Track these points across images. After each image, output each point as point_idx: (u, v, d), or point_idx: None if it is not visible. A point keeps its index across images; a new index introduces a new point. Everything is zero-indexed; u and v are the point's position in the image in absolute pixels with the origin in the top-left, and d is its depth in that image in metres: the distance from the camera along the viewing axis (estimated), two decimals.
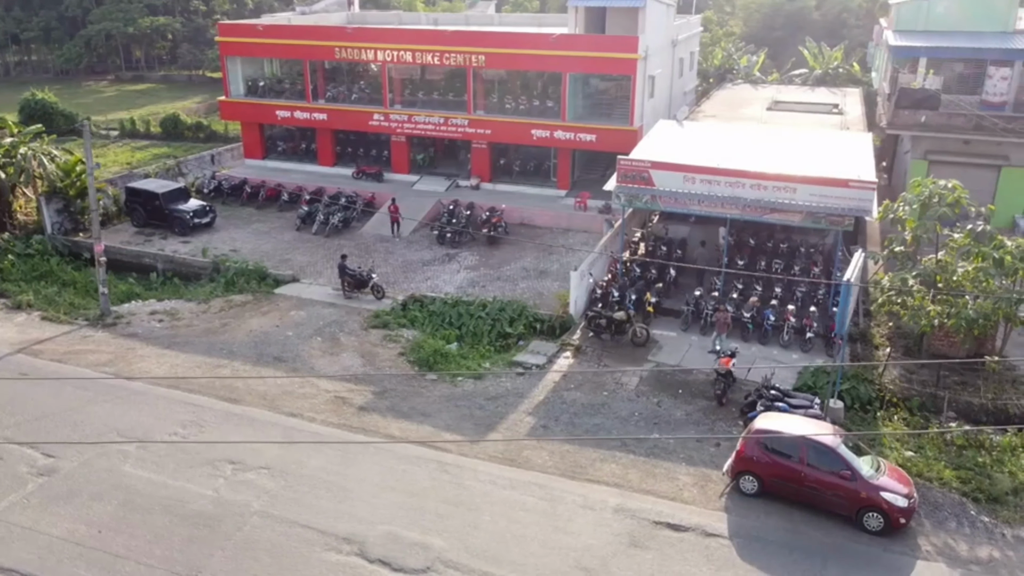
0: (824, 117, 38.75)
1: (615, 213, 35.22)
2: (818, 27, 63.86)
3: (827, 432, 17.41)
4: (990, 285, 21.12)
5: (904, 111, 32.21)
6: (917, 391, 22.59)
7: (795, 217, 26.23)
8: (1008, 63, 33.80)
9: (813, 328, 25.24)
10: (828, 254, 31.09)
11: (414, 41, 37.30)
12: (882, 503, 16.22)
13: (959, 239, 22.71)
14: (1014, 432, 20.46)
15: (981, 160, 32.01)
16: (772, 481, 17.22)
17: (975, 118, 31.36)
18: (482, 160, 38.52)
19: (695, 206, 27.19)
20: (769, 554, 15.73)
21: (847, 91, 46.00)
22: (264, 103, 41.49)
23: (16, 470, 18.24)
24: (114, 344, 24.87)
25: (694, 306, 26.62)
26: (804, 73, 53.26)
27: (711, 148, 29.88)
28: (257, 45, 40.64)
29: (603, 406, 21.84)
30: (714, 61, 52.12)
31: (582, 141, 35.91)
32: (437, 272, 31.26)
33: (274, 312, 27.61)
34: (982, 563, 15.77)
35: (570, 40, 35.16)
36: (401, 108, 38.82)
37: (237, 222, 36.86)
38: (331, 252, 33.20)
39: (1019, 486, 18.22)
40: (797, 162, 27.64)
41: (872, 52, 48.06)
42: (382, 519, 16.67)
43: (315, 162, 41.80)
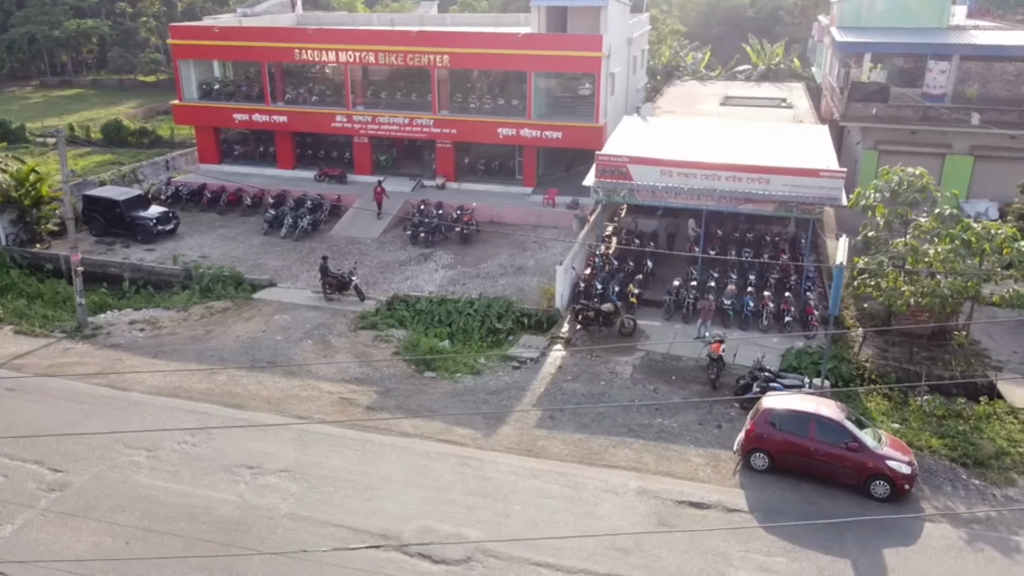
0: (776, 111, 40.32)
1: (583, 208, 36.10)
2: (753, 24, 66.06)
3: (832, 408, 18.41)
4: (959, 266, 22.54)
5: (856, 104, 33.83)
6: (893, 367, 23.96)
7: (768, 207, 27.37)
8: (946, 57, 35.85)
9: (791, 312, 26.41)
10: (792, 242, 32.53)
11: (377, 42, 37.25)
12: (888, 471, 17.27)
13: (926, 223, 24.16)
14: (986, 401, 21.92)
15: (927, 149, 33.84)
16: (783, 457, 18.09)
17: (922, 109, 33.20)
18: (447, 160, 38.74)
19: (672, 199, 28.07)
20: (789, 527, 16.56)
21: (791, 86, 47.91)
22: (220, 106, 40.76)
23: (25, 487, 17.74)
24: (99, 355, 24.25)
25: (675, 296, 27.51)
26: (748, 69, 55.16)
27: (679, 142, 30.87)
28: (212, 47, 39.91)
29: (603, 395, 22.47)
30: (661, 59, 53.50)
31: (548, 138, 36.50)
32: (415, 272, 31.39)
33: (258, 317, 27.33)
34: (981, 522, 16.97)
35: (535, 39, 35.71)
36: (364, 109, 38.70)
37: (201, 228, 36.17)
38: (304, 255, 33.00)
39: (1000, 450, 19.56)
40: (765, 154, 28.76)
41: (813, 48, 50.19)
42: (414, 514, 16.88)
43: (274, 165, 41.29)
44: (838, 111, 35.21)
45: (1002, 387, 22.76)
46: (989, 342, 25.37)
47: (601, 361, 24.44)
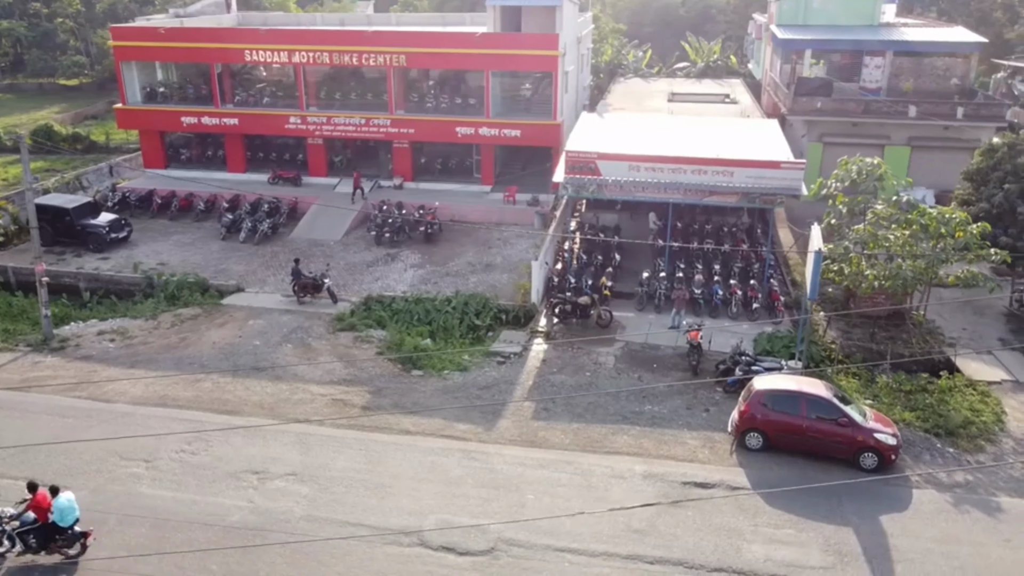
0: (722, 107, 41.69)
1: (544, 205, 36.70)
2: (684, 22, 67.86)
3: (820, 387, 19.41)
4: (917, 249, 23.95)
5: (802, 98, 35.38)
6: (858, 347, 25.28)
7: (732, 198, 28.44)
8: (881, 53, 37.83)
9: (758, 299, 27.52)
10: (748, 232, 33.84)
11: (332, 42, 36.95)
12: (876, 444, 18.35)
13: (882, 210, 25.57)
14: (946, 376, 23.38)
15: (868, 141, 35.67)
16: (777, 435, 18.97)
17: (863, 103, 34.95)
18: (404, 159, 38.73)
19: (640, 193, 28.85)
20: (791, 499, 17.43)
21: (731, 82, 49.54)
22: (167, 109, 39.73)
23: None
24: (72, 368, 23.49)
25: (646, 287, 28.31)
26: (687, 66, 56.70)
27: (640, 138, 31.74)
28: (157, 49, 38.82)
29: (590, 385, 23.03)
30: (604, 57, 54.51)
31: (507, 136, 36.90)
32: (384, 272, 31.36)
33: (231, 323, 26.89)
34: (962, 486, 18.20)
35: (493, 38, 36.06)
36: (318, 110, 38.33)
37: (154, 235, 35.23)
38: (267, 259, 32.57)
39: (966, 420, 20.93)
40: (724, 148, 29.76)
41: (751, 45, 52.03)
42: (430, 509, 17.07)
43: (225, 169, 40.44)
44: (784, 106, 36.73)
45: (959, 362, 24.33)
46: (940, 320, 27.00)
47: (583, 353, 25.00)
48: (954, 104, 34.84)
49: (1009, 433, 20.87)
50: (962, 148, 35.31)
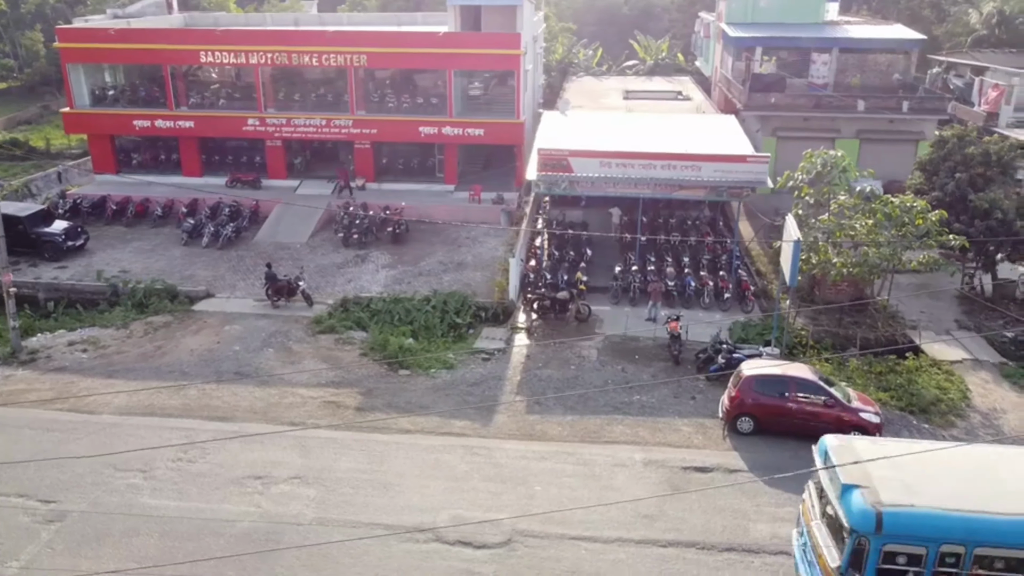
0: (677, 103, 42.67)
1: (509, 203, 37.00)
2: (628, 20, 69.00)
3: (806, 370, 20.20)
4: (881, 237, 25.09)
5: (756, 94, 36.50)
6: (827, 333, 26.33)
7: (700, 192, 29.26)
8: (827, 50, 39.29)
9: (729, 289, 28.37)
10: (710, 224, 34.79)
11: (291, 42, 36.50)
12: (862, 422, 19.22)
13: (846, 200, 26.67)
14: (912, 357, 24.56)
15: (819, 134, 36.96)
16: (767, 419, 19.69)
17: (815, 98, 36.27)
18: (366, 160, 38.51)
19: (611, 188, 29.41)
20: (787, 479, 18.11)
21: (680, 79, 50.67)
22: (118, 113, 38.62)
23: (18, 521, 16.65)
24: (47, 380, 22.78)
25: (621, 280, 28.89)
26: (636, 64, 57.70)
27: (606, 135, 32.38)
28: (108, 51, 37.68)
29: (576, 378, 23.45)
30: (555, 55, 55.06)
31: (470, 136, 37.04)
32: (356, 274, 31.18)
33: (206, 330, 26.43)
34: None
35: (455, 38, 36.16)
36: (277, 112, 37.82)
37: (111, 242, 34.24)
38: (234, 264, 32.04)
39: (936, 398, 22.09)
40: (689, 143, 30.66)
41: (699, 43, 53.28)
42: (440, 505, 17.20)
43: (179, 173, 39.47)
44: (740, 101, 37.82)
45: (922, 343, 25.58)
46: (899, 305, 28.27)
47: (566, 347, 25.41)
48: (899, 98, 36.45)
49: (975, 408, 22.10)
50: (907, 140, 37.01)
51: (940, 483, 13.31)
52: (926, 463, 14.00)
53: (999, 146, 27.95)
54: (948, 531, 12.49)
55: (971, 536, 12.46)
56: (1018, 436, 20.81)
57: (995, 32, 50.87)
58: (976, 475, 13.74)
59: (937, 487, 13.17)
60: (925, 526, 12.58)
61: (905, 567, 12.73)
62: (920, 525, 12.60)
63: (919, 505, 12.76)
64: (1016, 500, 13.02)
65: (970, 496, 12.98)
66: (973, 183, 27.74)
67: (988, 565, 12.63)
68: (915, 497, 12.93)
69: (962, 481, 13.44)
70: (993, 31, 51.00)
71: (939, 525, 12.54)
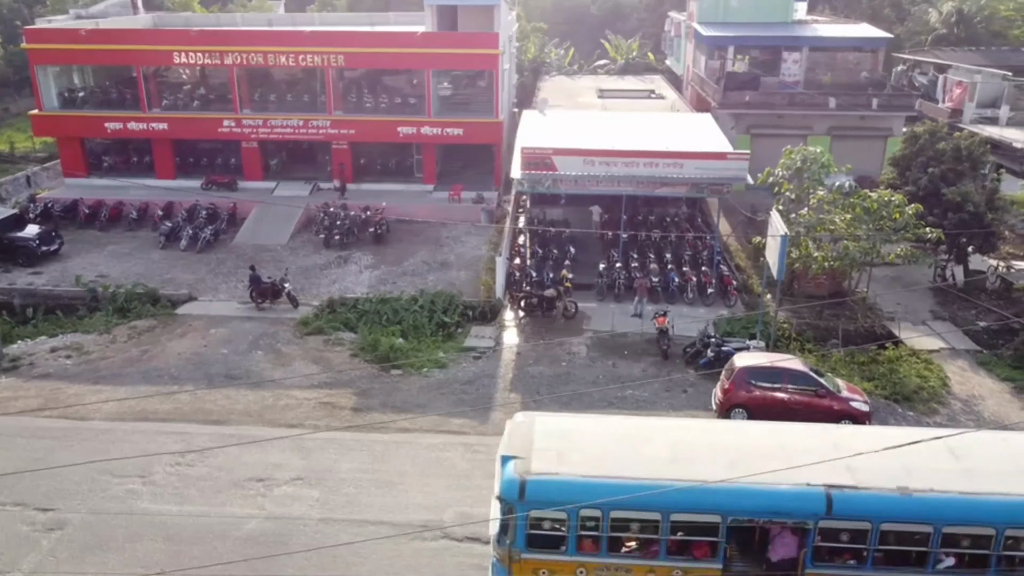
0: (651, 102, 43.18)
1: (489, 202, 37.15)
2: (596, 20, 69.51)
3: (796, 362, 20.67)
4: (860, 231, 25.72)
5: (731, 92, 37.12)
6: (809, 325, 26.91)
7: (682, 189, 29.68)
8: (798, 48, 40.09)
9: (712, 285, 28.84)
10: (689, 220, 35.29)
11: (268, 42, 36.20)
12: (853, 411, 19.74)
13: (824, 195, 27.29)
14: (892, 347, 25.25)
15: (792, 131, 37.75)
16: (760, 410, 20.07)
17: (788, 96, 36.99)
18: (344, 161, 38.30)
19: (595, 186, 29.70)
20: None
21: (652, 78, 51.24)
22: (89, 115, 37.90)
23: (16, 530, 16.40)
24: (33, 387, 22.39)
25: (605, 277, 29.20)
26: (607, 64, 58.19)
27: (586, 133, 32.72)
28: (78, 52, 36.97)
29: (568, 375, 23.70)
30: (527, 55, 55.31)
31: (449, 135, 37.09)
32: (340, 275, 31.07)
33: (191, 333, 26.18)
34: None
35: (434, 38, 36.18)
36: (253, 113, 37.49)
37: (86, 246, 33.65)
38: (214, 267, 31.73)
39: (918, 386, 22.74)
40: (668, 141, 31.08)
41: (670, 42, 53.92)
42: (445, 502, 17.30)
43: (153, 175, 38.85)
44: (714, 100, 38.42)
45: (901, 334, 26.29)
46: (874, 297, 28.99)
47: (555, 344, 25.64)
48: (869, 96, 37.34)
49: (955, 395, 22.81)
50: (876, 136, 37.94)
51: (596, 453, 13.60)
52: (604, 436, 14.42)
53: (969, 141, 28.82)
54: (586, 497, 12.82)
55: (606, 501, 12.82)
56: (996, 420, 21.51)
57: (954, 31, 52.34)
58: (635, 445, 14.03)
59: (590, 457, 13.48)
60: (565, 493, 12.87)
61: (552, 532, 13.18)
62: (561, 492, 12.90)
63: (562, 473, 13.11)
64: (656, 465, 13.33)
65: (616, 464, 13.28)
66: (945, 177, 28.56)
67: (626, 528, 13.14)
68: (563, 466, 13.28)
69: (618, 451, 13.72)
70: (952, 30, 52.47)
71: (578, 491, 12.85)
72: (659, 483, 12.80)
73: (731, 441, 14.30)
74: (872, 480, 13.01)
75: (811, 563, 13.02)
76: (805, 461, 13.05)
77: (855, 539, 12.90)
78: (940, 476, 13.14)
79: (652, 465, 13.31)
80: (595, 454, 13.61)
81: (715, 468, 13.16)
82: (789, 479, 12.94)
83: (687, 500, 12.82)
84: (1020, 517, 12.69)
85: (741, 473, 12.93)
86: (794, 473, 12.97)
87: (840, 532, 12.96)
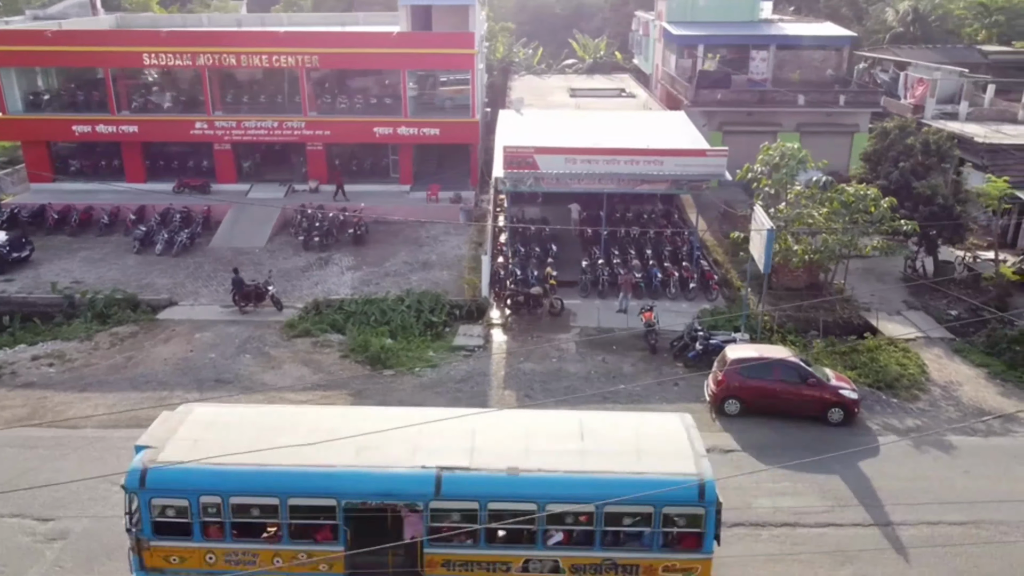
0: (623, 100, 43.66)
1: (467, 201, 37.27)
2: (560, 19, 69.93)
3: (786, 353, 21.19)
4: (838, 224, 26.42)
5: (704, 90, 37.74)
6: (789, 317, 27.55)
7: (662, 186, 30.15)
8: (765, 47, 40.91)
9: (694, 279, 29.34)
10: (665, 217, 35.80)
11: (241, 43, 35.79)
12: (842, 399, 20.32)
13: (802, 190, 27.96)
14: (871, 337, 25.99)
15: (762, 128, 38.57)
16: (753, 400, 20.58)
17: (759, 93, 37.74)
18: (319, 162, 38.10)
19: (576, 184, 30.01)
20: (779, 455, 19.05)
21: (621, 77, 51.78)
22: (56, 118, 37.13)
23: (18, 542, 16.10)
24: (17, 397, 21.91)
25: (589, 274, 29.52)
26: (575, 63, 58.63)
27: (565, 132, 33.02)
28: (43, 53, 36.12)
29: (559, 371, 23.96)
30: (496, 55, 55.43)
31: (426, 135, 37.10)
32: (322, 277, 30.92)
33: (176, 338, 25.84)
34: (915, 430, 20.52)
35: (410, 38, 36.15)
36: (226, 114, 37.04)
37: (57, 252, 32.98)
38: (192, 271, 31.34)
39: (899, 374, 23.45)
40: (646, 139, 31.53)
41: (638, 41, 54.54)
42: None
43: (122, 179, 38.13)
44: (686, 98, 39.02)
45: (875, 322, 27.07)
46: (849, 289, 29.79)
47: (544, 341, 25.88)
48: (836, 92, 38.28)
49: (934, 382, 23.56)
50: (843, 132, 38.92)
51: (232, 442, 13.74)
52: (251, 426, 14.73)
53: (937, 136, 29.74)
54: (207, 484, 13.25)
55: (225, 488, 13.26)
56: (975, 405, 22.26)
57: (910, 29, 53.84)
58: (276, 433, 14.18)
59: (224, 446, 13.61)
60: (188, 480, 13.23)
61: (179, 520, 13.52)
62: (183, 480, 13.24)
63: (187, 462, 13.37)
64: (284, 453, 13.56)
65: (244, 452, 13.50)
66: (915, 172, 29.45)
67: (248, 513, 13.62)
68: (191, 455, 13.51)
69: (255, 439, 13.82)
70: (908, 28, 53.97)
71: (199, 479, 13.24)
72: (278, 470, 13.27)
73: (370, 427, 14.28)
74: (487, 462, 13.57)
75: (428, 543, 13.51)
76: (436, 446, 13.74)
77: (469, 519, 13.37)
78: (555, 457, 13.72)
79: (281, 453, 13.48)
80: (231, 443, 13.72)
81: (341, 455, 13.53)
82: (407, 462, 13.50)
83: (303, 485, 13.33)
84: (620, 493, 13.15)
85: (367, 459, 13.46)
86: (418, 456, 13.57)
87: (452, 512, 13.47)
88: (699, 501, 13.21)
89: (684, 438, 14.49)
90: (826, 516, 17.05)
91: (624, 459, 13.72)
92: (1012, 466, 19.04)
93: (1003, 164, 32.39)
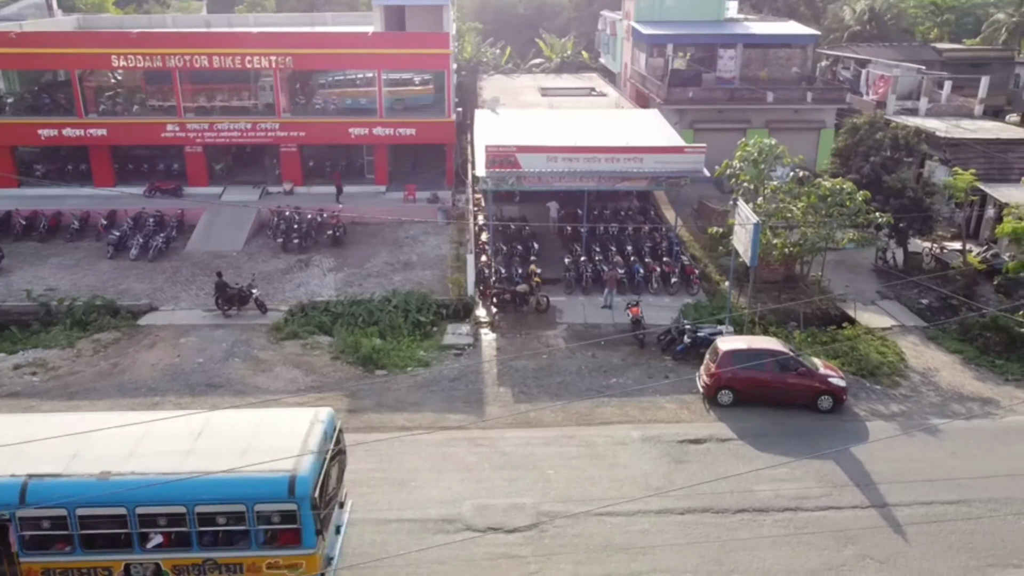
0: (594, 99, 44.09)
1: (444, 201, 37.33)
2: (523, 20, 70.20)
3: (777, 343, 21.74)
4: (816, 218, 27.11)
5: (676, 88, 38.35)
6: (770, 309, 28.20)
7: (641, 183, 30.61)
8: (733, 46, 41.70)
9: (675, 274, 29.84)
10: (642, 213, 36.31)
11: (213, 44, 35.33)
12: (832, 387, 20.93)
13: (779, 184, 28.63)
14: (849, 326, 26.73)
15: (732, 125, 39.31)
16: (746, 391, 21.06)
17: (729, 91, 38.46)
18: (293, 164, 37.76)
19: (557, 182, 30.31)
20: (774, 443, 19.58)
21: (589, 76, 52.26)
22: (19, 122, 36.20)
23: None
24: (3, 406, 21.34)
25: (573, 271, 29.84)
26: (542, 62, 58.97)
27: (543, 131, 33.25)
28: (7, 55, 35.20)
29: (551, 366, 24.21)
30: (464, 54, 55.46)
31: (402, 135, 37.06)
32: (304, 279, 30.70)
33: (161, 343, 25.48)
34: (900, 415, 21.23)
35: (385, 38, 36.06)
36: (197, 116, 36.53)
37: (27, 259, 32.15)
38: (171, 275, 30.86)
39: (879, 361, 24.20)
40: (623, 136, 31.92)
41: (605, 40, 55.04)
42: (461, 496, 17.54)
43: (91, 183, 37.37)
44: (658, 96, 39.59)
45: (853, 313, 27.88)
46: (829, 281, 30.59)
47: (533, 338, 26.13)
48: (804, 90, 39.20)
49: (913, 369, 24.36)
50: (810, 128, 39.87)
51: None
52: None
53: (905, 131, 30.69)
54: None
55: None
56: (953, 390, 23.07)
57: (867, 27, 55.35)
58: None
59: None
60: None
61: None
62: None
63: None
64: None
65: None
66: (884, 166, 30.35)
67: None
68: None
69: None
70: (865, 27, 55.47)
71: None
72: None
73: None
74: (84, 467, 13.37)
75: (23, 552, 13.38)
76: (48, 452, 13.31)
77: (60, 526, 13.24)
78: (156, 459, 13.52)
79: None
80: None
81: None
82: (1, 471, 13.23)
83: None
84: (210, 493, 13.14)
85: None
86: (14, 464, 13.26)
87: (41, 520, 13.30)
88: (290, 497, 13.09)
89: (302, 434, 14.15)
90: (825, 500, 17.58)
91: (225, 459, 13.40)
92: (995, 446, 19.84)
93: (964, 158, 33.55)
